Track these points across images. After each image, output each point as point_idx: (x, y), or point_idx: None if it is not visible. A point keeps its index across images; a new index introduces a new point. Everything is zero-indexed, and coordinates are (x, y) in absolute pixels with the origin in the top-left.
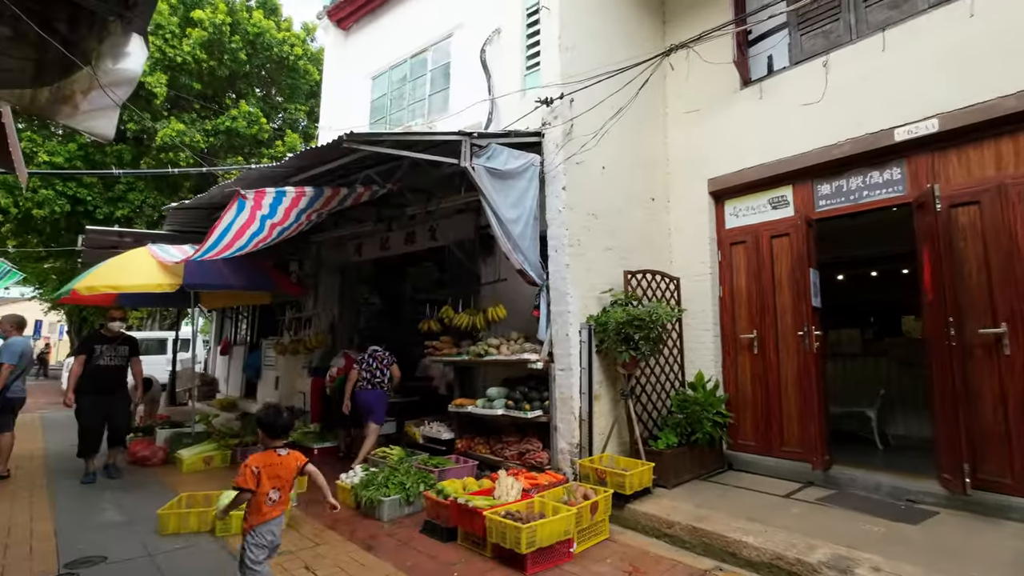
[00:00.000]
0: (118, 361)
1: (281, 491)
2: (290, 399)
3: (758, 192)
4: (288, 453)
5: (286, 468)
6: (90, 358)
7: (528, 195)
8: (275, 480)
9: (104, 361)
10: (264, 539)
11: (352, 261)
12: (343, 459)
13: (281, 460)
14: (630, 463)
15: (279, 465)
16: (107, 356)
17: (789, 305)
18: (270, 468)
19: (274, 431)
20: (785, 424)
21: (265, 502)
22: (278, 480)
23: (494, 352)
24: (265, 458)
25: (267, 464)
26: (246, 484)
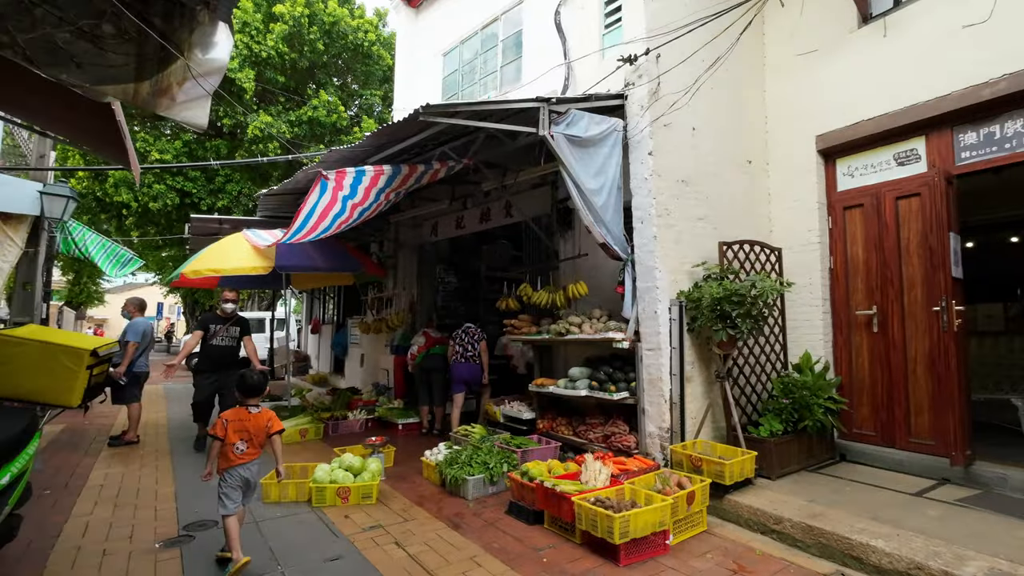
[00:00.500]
0: (230, 341)
1: (249, 443)
2: (375, 376)
3: (880, 147)
4: (260, 411)
5: (255, 424)
6: (205, 337)
7: (610, 163)
8: (242, 433)
9: (218, 341)
10: (235, 481)
11: (429, 241)
12: (426, 435)
13: (250, 416)
14: (728, 451)
15: (247, 420)
16: (221, 336)
17: (919, 276)
18: (238, 423)
19: (244, 391)
20: (912, 412)
21: (232, 451)
22: (245, 433)
23: (576, 331)
24: (236, 413)
25: (236, 419)
26: (215, 432)
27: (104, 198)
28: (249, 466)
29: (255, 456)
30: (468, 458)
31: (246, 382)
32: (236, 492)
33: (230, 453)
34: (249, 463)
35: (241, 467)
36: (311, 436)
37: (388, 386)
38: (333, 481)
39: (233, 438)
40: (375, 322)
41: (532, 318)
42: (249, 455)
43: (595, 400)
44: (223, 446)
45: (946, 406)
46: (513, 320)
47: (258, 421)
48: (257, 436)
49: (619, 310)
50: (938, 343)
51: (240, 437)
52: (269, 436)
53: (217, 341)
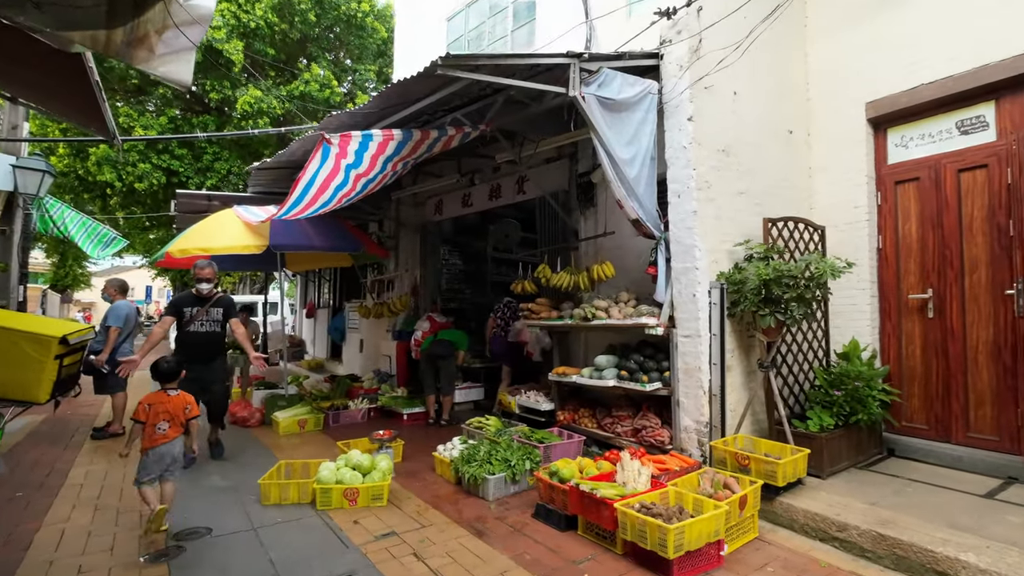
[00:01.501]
0: (212, 326)
1: (171, 423)
2: (375, 362)
3: (940, 114)
4: (178, 394)
5: (174, 405)
6: (180, 322)
7: (644, 130)
8: (164, 414)
9: (197, 327)
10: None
11: (432, 220)
12: (432, 425)
13: (170, 399)
14: (774, 447)
15: (167, 403)
16: (200, 320)
17: (984, 256)
18: (159, 404)
19: (159, 376)
20: (973, 405)
21: (155, 432)
22: (167, 414)
23: (603, 316)
24: (156, 396)
25: (156, 401)
26: (137, 416)
27: (87, 177)
28: (171, 444)
29: (177, 434)
30: (487, 455)
31: (160, 369)
32: (156, 467)
33: (153, 434)
34: (171, 442)
35: (163, 446)
36: (310, 427)
37: (390, 373)
38: (339, 482)
39: (155, 419)
40: (376, 306)
41: (551, 302)
42: (171, 434)
43: (622, 391)
44: (145, 427)
45: (1018, 399)
46: (530, 304)
47: (177, 403)
48: (177, 416)
49: (647, 293)
50: (1007, 330)
51: (162, 418)
52: (188, 420)
53: (196, 327)
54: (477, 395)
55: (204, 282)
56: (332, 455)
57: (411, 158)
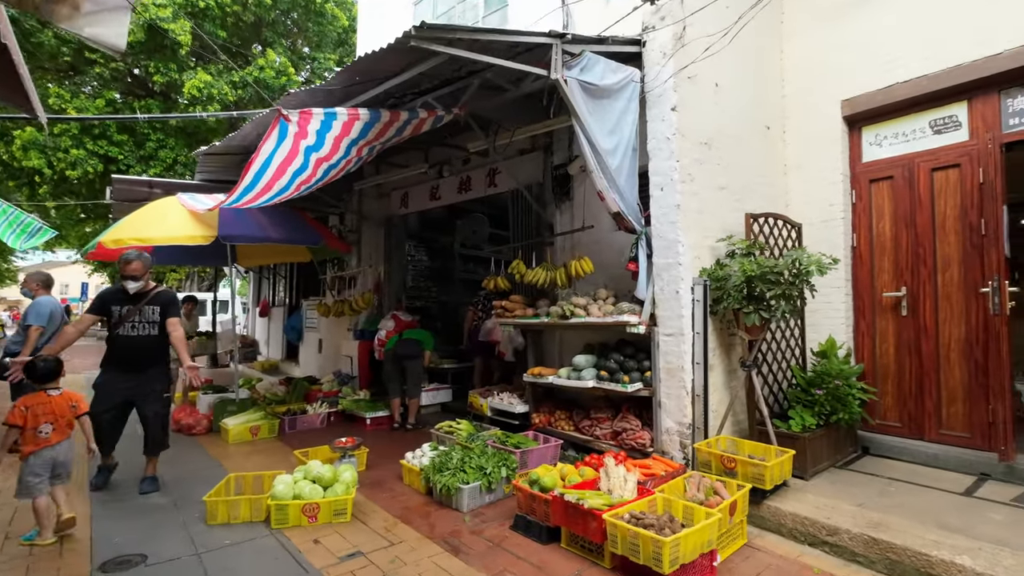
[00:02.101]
0: (147, 329)
1: (55, 425)
2: (336, 363)
3: (914, 112)
4: (60, 393)
5: (58, 406)
6: (109, 324)
7: (627, 120)
8: (48, 416)
9: (127, 329)
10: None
11: (397, 214)
12: (398, 429)
13: (51, 399)
14: (756, 448)
15: (49, 403)
16: (132, 322)
17: (955, 255)
18: (39, 406)
19: (36, 377)
20: (945, 402)
21: (37, 436)
22: (51, 416)
23: (581, 313)
24: (35, 398)
25: (37, 403)
26: (14, 421)
27: (11, 163)
28: (57, 447)
29: (63, 437)
30: (461, 462)
31: (36, 370)
32: (44, 473)
33: (36, 437)
34: (57, 444)
35: (48, 449)
36: (264, 435)
37: (351, 375)
38: (297, 496)
39: (36, 422)
40: (336, 304)
41: (525, 299)
42: (56, 437)
43: (601, 392)
44: (24, 432)
45: (989, 396)
46: (504, 301)
47: (60, 402)
48: (63, 417)
49: (626, 290)
50: (978, 327)
51: (45, 420)
52: (77, 417)
53: (126, 329)
54: (445, 397)
55: (130, 280)
56: (289, 466)
57: (378, 142)
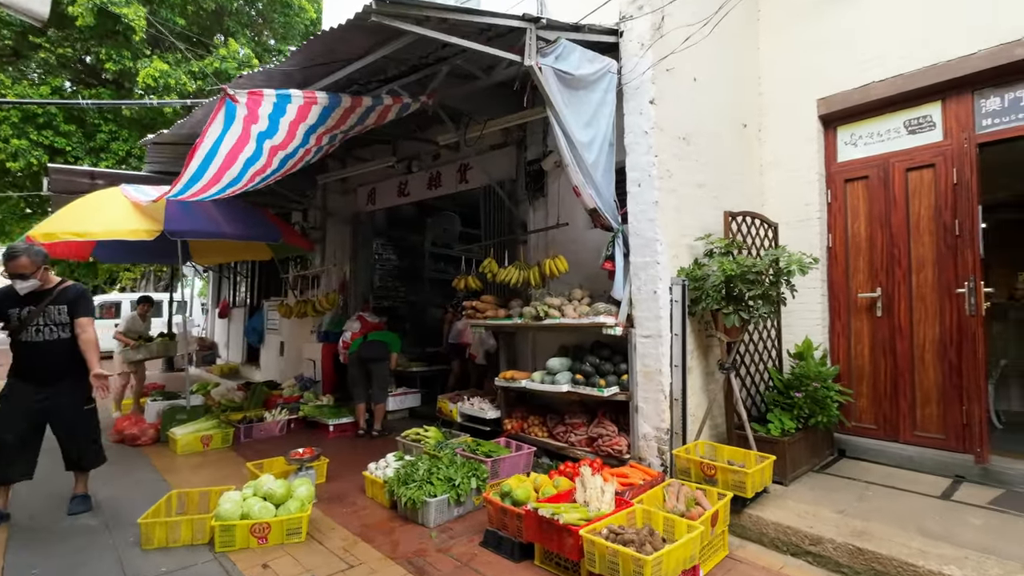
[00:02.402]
0: (55, 332)
1: None
2: (298, 367)
3: (889, 112)
4: None
5: None
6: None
7: (603, 112)
8: None
9: (31, 334)
10: None
11: (364, 210)
12: (363, 437)
13: None
14: (736, 454)
15: None
16: (34, 326)
17: (930, 256)
18: None
19: None
20: (920, 403)
21: None
22: None
23: (556, 314)
24: None
25: None
26: None
27: None
28: None
29: None
30: (427, 473)
31: None
32: None
33: None
34: None
35: None
36: (217, 445)
37: (314, 379)
38: (246, 515)
39: None
40: (299, 304)
41: (497, 299)
42: None
43: (576, 397)
44: None
45: (963, 398)
46: (475, 302)
47: None
48: None
49: (602, 290)
50: (953, 328)
51: None
52: None
53: (29, 334)
54: (413, 402)
55: (17, 279)
56: (242, 479)
57: (339, 130)
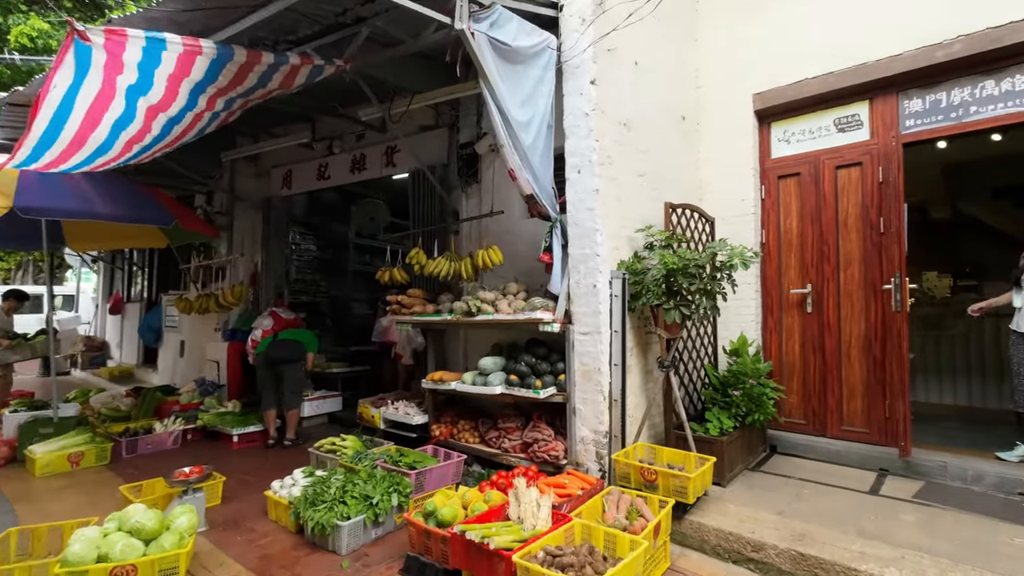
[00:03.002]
0: None
1: None
2: (200, 369)
3: (820, 110)
4: None
5: None
6: None
7: (542, 91)
8: None
9: None
10: None
11: (279, 195)
12: (273, 447)
13: None
14: (676, 456)
15: None
16: None
17: (857, 252)
18: None
19: None
20: (846, 398)
21: None
22: None
23: (489, 310)
24: None
25: None
26: None
27: None
28: None
29: None
30: (340, 491)
31: None
32: None
33: None
34: None
35: None
36: (90, 462)
37: (218, 383)
38: (104, 557)
39: None
40: (200, 298)
41: (425, 293)
42: None
43: (510, 399)
44: None
45: (887, 392)
46: (400, 296)
47: None
48: None
49: (538, 284)
50: (877, 324)
51: None
52: None
53: None
54: (333, 406)
55: None
56: (117, 504)
57: (236, 93)
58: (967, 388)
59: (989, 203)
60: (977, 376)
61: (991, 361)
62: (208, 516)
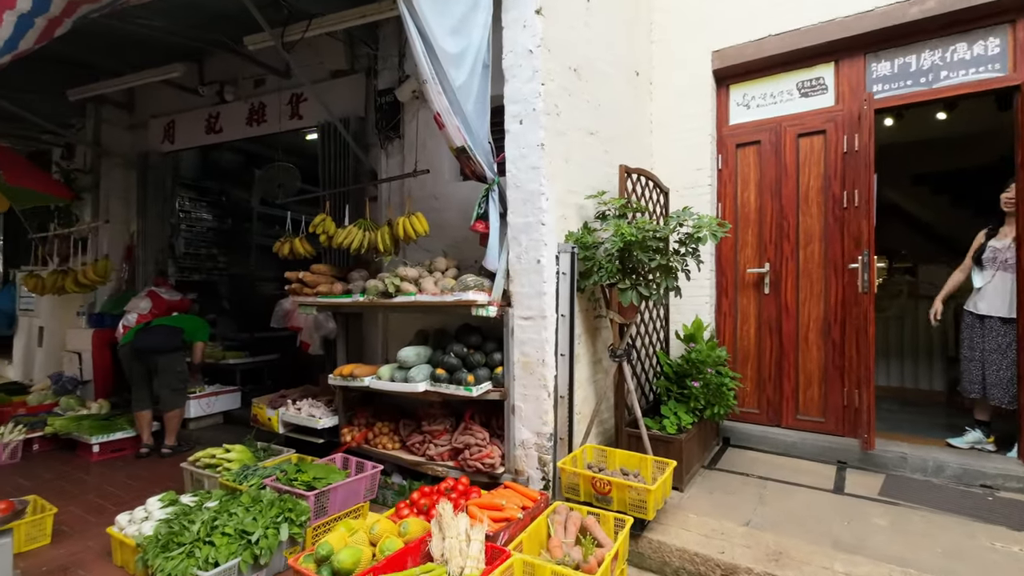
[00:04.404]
0: None
1: None
2: (59, 362)
3: (782, 72)
4: None
5: None
6: None
7: (476, 19)
8: None
9: None
10: None
11: (158, 150)
12: (147, 456)
13: None
14: (630, 459)
15: None
16: None
17: (817, 229)
18: None
19: None
20: (802, 385)
21: None
22: None
23: (411, 289)
24: None
25: None
26: None
27: None
28: None
29: None
30: (207, 526)
31: None
32: None
33: None
34: None
35: None
36: None
37: (80, 379)
38: None
39: None
40: (54, 276)
41: (334, 269)
42: None
43: (437, 397)
44: None
45: (845, 380)
46: (303, 273)
47: None
48: None
49: (472, 259)
50: (837, 306)
51: None
52: None
53: None
54: (229, 403)
55: None
56: None
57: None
58: (900, 369)
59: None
60: (910, 357)
61: (923, 342)
62: (28, 563)
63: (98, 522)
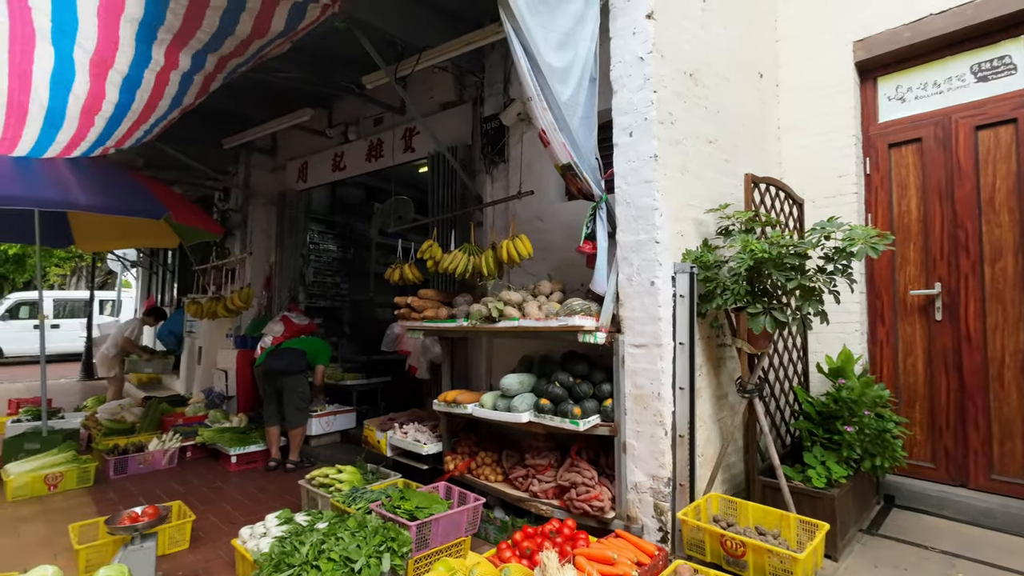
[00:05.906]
0: None
1: None
2: (211, 378)
3: (950, 55)
4: None
5: None
6: None
7: (584, 31)
8: None
9: None
10: None
11: (294, 189)
12: (275, 469)
13: None
14: (768, 516)
15: None
16: None
17: (1009, 240)
18: None
19: None
20: (998, 437)
21: None
22: None
23: (514, 314)
24: None
25: None
26: None
27: None
28: None
29: None
30: (315, 549)
31: None
32: None
33: None
34: None
35: None
36: (70, 484)
37: (226, 395)
38: None
39: None
40: (209, 303)
41: (440, 295)
42: None
43: (541, 429)
44: None
45: None
46: (411, 298)
47: None
48: None
49: (578, 282)
50: None
51: None
52: None
53: None
54: (346, 423)
55: None
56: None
57: (201, 43)
58: None
59: None
60: None
61: None
62: (168, 565)
63: (228, 532)
